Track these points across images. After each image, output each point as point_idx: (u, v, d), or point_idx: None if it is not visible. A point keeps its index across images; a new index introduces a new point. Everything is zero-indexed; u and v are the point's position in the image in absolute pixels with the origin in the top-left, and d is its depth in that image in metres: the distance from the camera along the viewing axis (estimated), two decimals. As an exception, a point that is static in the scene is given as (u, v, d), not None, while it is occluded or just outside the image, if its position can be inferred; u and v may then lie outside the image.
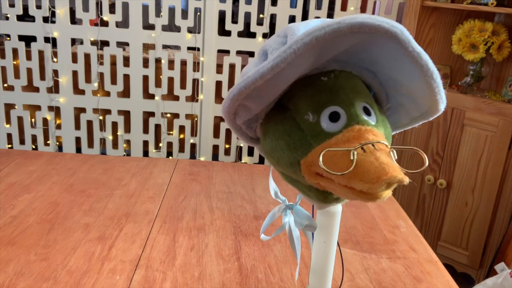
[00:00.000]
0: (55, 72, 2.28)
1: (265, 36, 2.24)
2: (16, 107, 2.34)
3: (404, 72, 0.45)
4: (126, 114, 2.39)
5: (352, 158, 0.38)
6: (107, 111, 2.36)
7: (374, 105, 0.44)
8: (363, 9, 2.27)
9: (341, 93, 0.43)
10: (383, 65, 0.46)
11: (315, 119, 0.42)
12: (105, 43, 2.25)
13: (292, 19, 2.28)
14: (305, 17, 2.28)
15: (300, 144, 0.43)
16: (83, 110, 2.35)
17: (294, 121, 0.44)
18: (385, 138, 0.42)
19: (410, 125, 0.53)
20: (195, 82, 2.31)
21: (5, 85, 2.30)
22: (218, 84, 2.33)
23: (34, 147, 2.43)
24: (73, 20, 2.27)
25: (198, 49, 2.26)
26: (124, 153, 2.43)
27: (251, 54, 2.34)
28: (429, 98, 0.46)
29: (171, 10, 2.22)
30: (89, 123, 2.38)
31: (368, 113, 0.42)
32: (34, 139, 2.40)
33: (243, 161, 2.43)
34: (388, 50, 0.42)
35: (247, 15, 2.23)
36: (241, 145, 2.43)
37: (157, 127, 2.40)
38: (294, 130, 0.44)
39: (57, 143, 2.41)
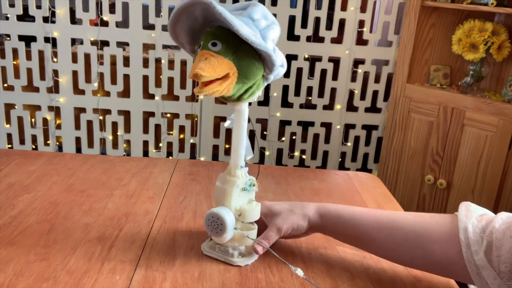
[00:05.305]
0: (55, 72, 2.28)
1: (265, 36, 2.23)
2: (16, 107, 2.35)
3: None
4: (126, 114, 2.39)
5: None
6: (107, 111, 2.36)
7: (227, 43, 0.65)
8: (363, 9, 2.27)
9: (207, 35, 0.67)
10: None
11: (197, 47, 0.69)
12: (105, 43, 2.25)
13: (292, 19, 2.27)
14: (305, 17, 2.28)
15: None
16: (83, 110, 2.36)
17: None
18: (219, 56, 0.64)
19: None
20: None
21: (5, 85, 2.30)
22: (218, 84, 2.33)
23: (34, 147, 2.43)
24: (73, 20, 2.27)
25: (198, 49, 2.26)
26: (124, 153, 2.43)
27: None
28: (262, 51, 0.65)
29: (171, 10, 2.22)
30: (89, 123, 2.38)
31: (214, 45, 0.65)
32: (34, 139, 2.41)
33: (243, 161, 2.43)
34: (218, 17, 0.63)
35: (247, 15, 2.23)
36: (241, 145, 2.43)
37: (157, 127, 2.40)
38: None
39: (57, 143, 2.41)
